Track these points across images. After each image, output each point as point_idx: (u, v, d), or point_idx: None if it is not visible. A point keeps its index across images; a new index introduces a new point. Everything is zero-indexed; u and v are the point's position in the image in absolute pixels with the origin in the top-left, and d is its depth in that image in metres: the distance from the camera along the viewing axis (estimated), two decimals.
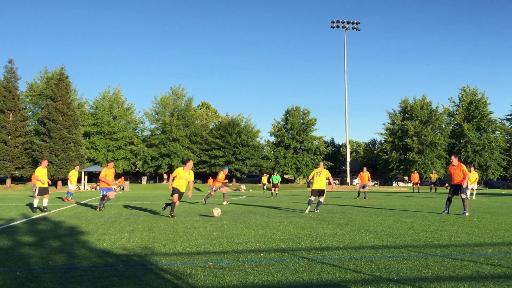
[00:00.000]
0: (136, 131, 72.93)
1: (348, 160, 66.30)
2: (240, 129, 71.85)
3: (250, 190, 53.13)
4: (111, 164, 16.14)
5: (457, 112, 75.76)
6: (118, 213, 14.39)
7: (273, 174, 30.19)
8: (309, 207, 14.21)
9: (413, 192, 37.62)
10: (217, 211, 12.13)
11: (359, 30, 69.73)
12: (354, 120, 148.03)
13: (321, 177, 14.05)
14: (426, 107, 73.11)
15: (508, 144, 78.09)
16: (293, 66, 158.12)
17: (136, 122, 72.22)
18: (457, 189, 13.70)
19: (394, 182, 80.00)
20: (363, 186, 24.22)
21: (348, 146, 66.85)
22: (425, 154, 69.80)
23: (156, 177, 76.82)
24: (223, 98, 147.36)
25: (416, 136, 69.90)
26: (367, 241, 7.75)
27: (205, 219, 11.85)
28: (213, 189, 20.07)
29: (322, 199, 14.22)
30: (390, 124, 75.42)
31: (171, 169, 69.60)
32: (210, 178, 66.92)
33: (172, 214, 12.55)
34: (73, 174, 22.41)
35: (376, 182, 75.63)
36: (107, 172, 15.91)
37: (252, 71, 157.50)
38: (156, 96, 74.86)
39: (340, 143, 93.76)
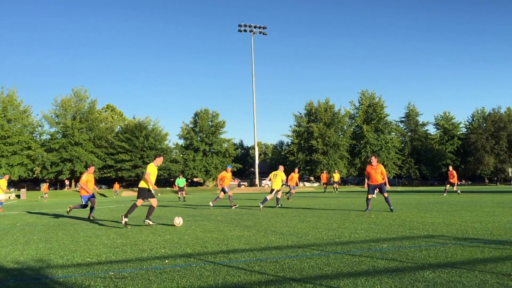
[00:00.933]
0: (34, 135, 68.27)
1: (257, 162, 67.42)
2: (147, 132, 70.19)
3: (159, 194, 52.01)
4: (92, 168, 14.64)
5: (357, 114, 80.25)
6: (12, 223, 13.34)
7: (179, 178, 29.72)
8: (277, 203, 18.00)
9: (324, 192, 39.03)
10: (178, 221, 10.97)
11: (265, 34, 71.27)
12: (263, 122, 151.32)
13: (277, 179, 17.27)
14: (330, 110, 76.52)
15: (402, 144, 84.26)
16: (202, 69, 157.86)
17: (34, 126, 67.63)
18: (378, 188, 14.32)
19: (300, 183, 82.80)
20: (293, 188, 24.73)
21: (256, 148, 68.00)
22: (329, 155, 72.99)
23: (56, 184, 72.46)
24: (130, 101, 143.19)
25: (321, 138, 72.90)
26: (273, 241, 7.89)
27: (109, 227, 11.36)
28: (227, 190, 17.99)
29: (269, 196, 16.87)
30: (297, 126, 77.94)
31: (73, 175, 66.09)
32: (116, 183, 64.57)
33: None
34: (2, 183, 22.05)
35: (284, 184, 77.71)
36: (88, 178, 14.31)
37: (160, 73, 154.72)
38: (56, 98, 70.54)
39: (249, 145, 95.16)
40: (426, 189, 47.16)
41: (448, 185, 27.62)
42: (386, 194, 14.07)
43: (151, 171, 11.28)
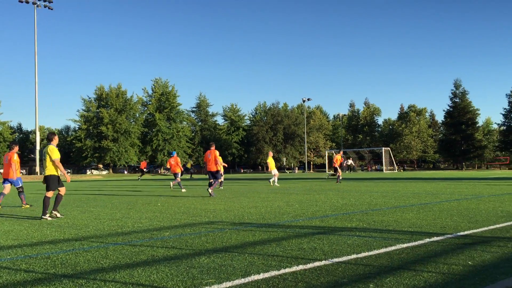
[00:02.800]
0: None
1: (38, 147, 61.50)
2: None
3: None
4: (17, 147, 12.57)
5: (150, 102, 79.89)
6: None
7: None
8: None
9: (337, 181, 35.54)
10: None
11: (52, 9, 65.12)
12: (46, 105, 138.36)
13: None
14: (122, 96, 74.42)
15: (193, 134, 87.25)
16: None
17: None
18: (213, 174, 15.78)
19: (88, 171, 78.53)
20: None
21: (38, 133, 61.93)
22: (119, 142, 71.03)
23: None
24: None
25: (111, 124, 70.40)
26: (47, 235, 7.25)
27: None
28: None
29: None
30: (85, 111, 73.70)
31: None
32: None
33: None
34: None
35: (69, 171, 72.79)
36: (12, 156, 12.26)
37: None
38: None
39: (29, 129, 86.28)
40: None
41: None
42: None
43: (58, 155, 9.76)
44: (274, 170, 24.00)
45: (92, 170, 77.82)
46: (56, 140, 10.01)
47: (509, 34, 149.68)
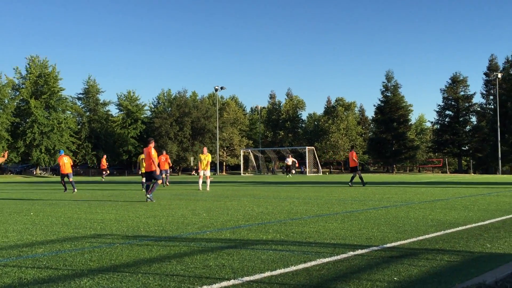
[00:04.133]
0: None
1: None
2: None
3: None
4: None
5: (23, 86, 75.89)
6: None
7: None
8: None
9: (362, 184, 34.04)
10: None
11: None
12: None
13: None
14: None
15: (79, 126, 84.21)
16: None
17: None
18: (149, 174, 16.46)
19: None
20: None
21: None
22: None
23: None
24: None
25: None
26: None
27: None
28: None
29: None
30: None
31: None
32: None
33: None
34: None
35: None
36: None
37: None
38: None
39: None
40: (110, 180, 48.45)
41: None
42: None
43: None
44: (206, 171, 23.33)
45: None
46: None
47: (444, 23, 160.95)
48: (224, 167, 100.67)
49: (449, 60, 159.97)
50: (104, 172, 46.44)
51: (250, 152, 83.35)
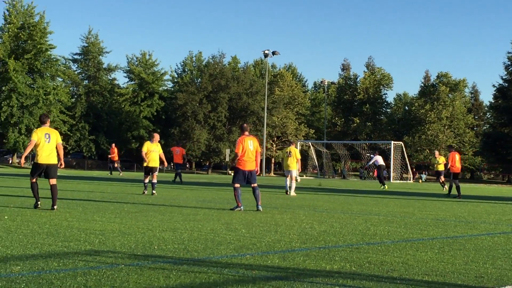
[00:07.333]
0: None
1: None
2: None
3: None
4: None
5: (0, 39, 77.44)
6: None
7: None
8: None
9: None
10: None
11: None
12: None
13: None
14: None
15: (73, 99, 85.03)
16: None
17: None
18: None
19: None
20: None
21: None
22: None
23: None
24: None
25: None
26: None
27: None
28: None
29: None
30: None
31: None
32: None
33: None
34: None
35: None
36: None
37: None
38: None
39: None
40: (98, 175, 49.18)
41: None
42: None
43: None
44: (294, 171, 24.29)
45: None
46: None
47: None
48: (272, 165, 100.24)
49: None
50: (116, 165, 47.35)
51: (311, 146, 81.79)
